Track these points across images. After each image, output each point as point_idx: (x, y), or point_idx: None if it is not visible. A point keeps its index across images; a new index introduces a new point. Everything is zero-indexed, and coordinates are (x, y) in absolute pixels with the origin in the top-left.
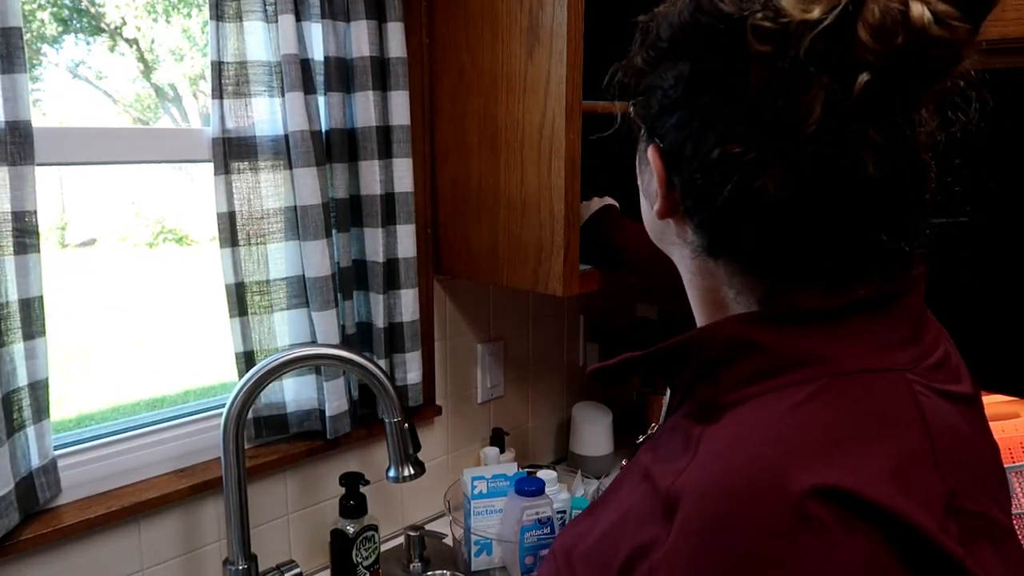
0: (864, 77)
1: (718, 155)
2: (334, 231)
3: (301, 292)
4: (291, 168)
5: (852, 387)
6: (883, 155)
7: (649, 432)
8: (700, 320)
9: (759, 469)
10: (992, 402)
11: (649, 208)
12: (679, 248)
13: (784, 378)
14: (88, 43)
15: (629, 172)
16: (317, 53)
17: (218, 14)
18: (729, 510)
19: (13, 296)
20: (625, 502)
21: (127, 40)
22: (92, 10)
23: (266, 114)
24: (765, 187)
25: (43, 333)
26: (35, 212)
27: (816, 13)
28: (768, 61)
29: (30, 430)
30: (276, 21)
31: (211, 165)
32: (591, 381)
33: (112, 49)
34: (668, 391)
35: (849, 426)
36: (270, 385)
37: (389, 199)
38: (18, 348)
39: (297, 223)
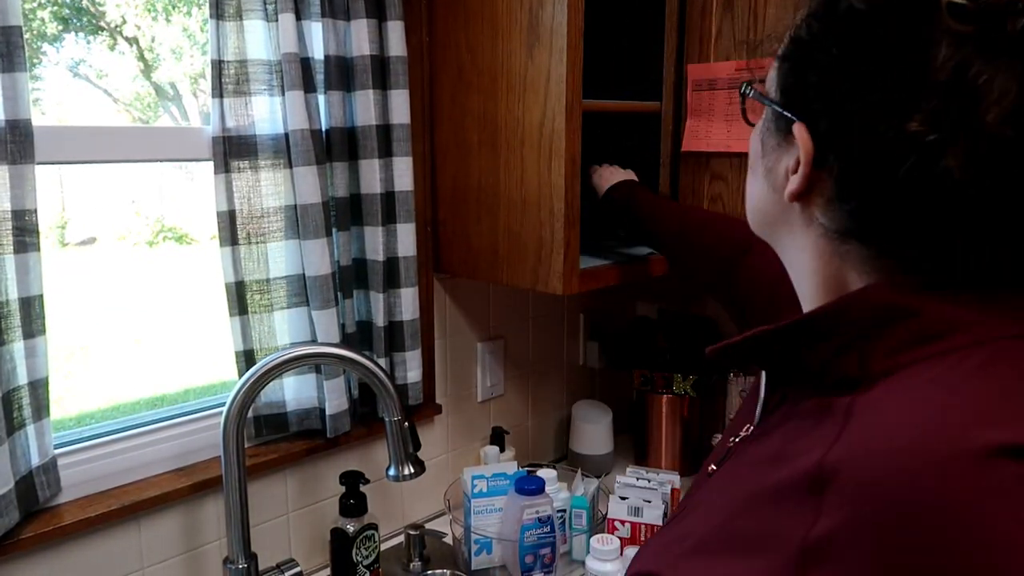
0: None
1: (894, 134)
2: (334, 230)
3: (301, 291)
4: (291, 167)
5: (1017, 352)
6: None
7: (743, 433)
8: (813, 304)
9: (945, 428)
10: None
11: (767, 189)
12: (799, 231)
13: (939, 344)
14: (88, 42)
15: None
16: (317, 52)
17: (218, 13)
18: (912, 473)
19: (13, 295)
20: (736, 494)
21: (127, 39)
22: (92, 9)
23: (266, 113)
24: (949, 169)
25: (43, 332)
26: (35, 211)
27: None
28: (962, 41)
29: (30, 429)
30: (276, 20)
31: (211, 164)
32: (720, 360)
33: (112, 48)
34: (763, 384)
35: None
36: (270, 384)
37: (389, 198)
38: (18, 347)
39: (297, 222)
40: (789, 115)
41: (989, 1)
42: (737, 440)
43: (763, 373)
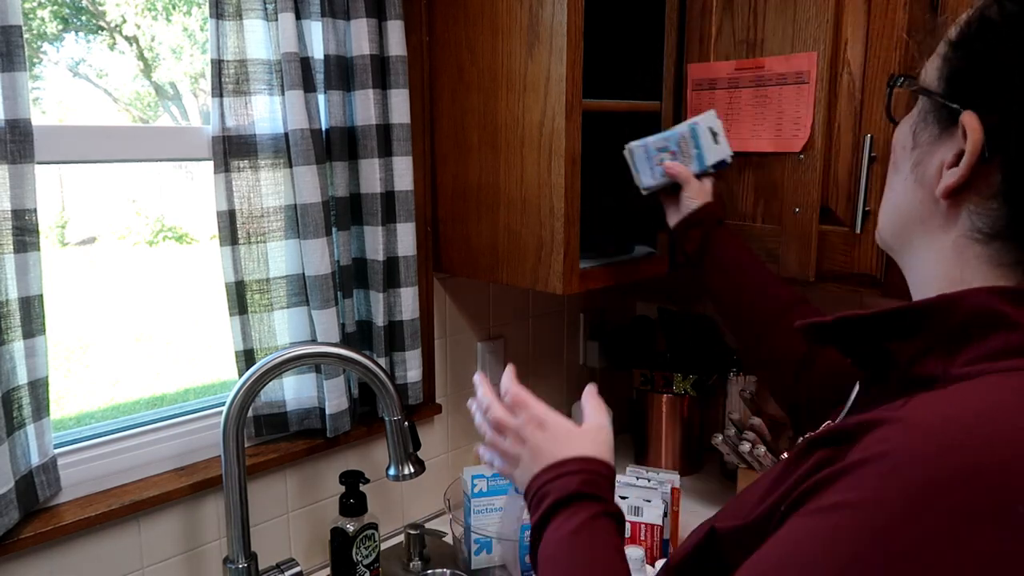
0: None
1: None
2: (334, 229)
3: (301, 290)
4: (291, 166)
5: None
6: None
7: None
8: (921, 296)
9: (995, 430)
10: None
11: (912, 185)
12: (937, 233)
13: None
14: (88, 41)
15: (627, 169)
16: (317, 51)
17: (218, 12)
18: (968, 444)
19: (13, 294)
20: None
21: (127, 38)
22: (92, 8)
23: (266, 112)
24: None
25: (43, 331)
26: (35, 210)
27: None
28: None
29: (30, 428)
30: (276, 19)
31: (211, 163)
32: (809, 337)
33: (112, 47)
34: (856, 385)
35: None
36: (270, 383)
37: (389, 197)
38: (18, 346)
39: (297, 221)
40: (956, 106)
41: None
42: (807, 437)
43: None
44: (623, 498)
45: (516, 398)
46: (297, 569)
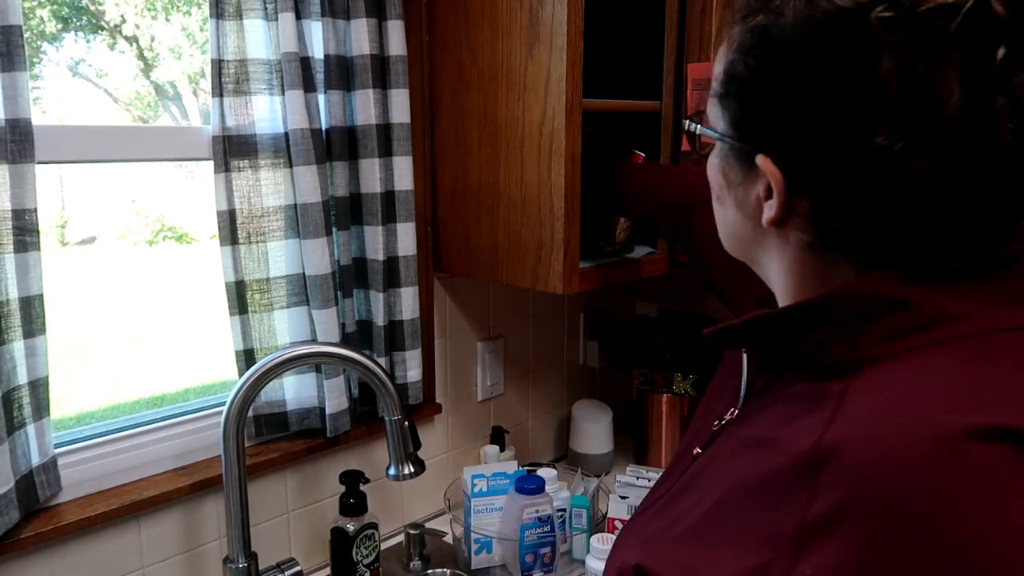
0: (1001, 51)
1: (862, 151)
2: (334, 229)
3: (301, 290)
4: (291, 166)
5: (1007, 344)
6: (1021, 124)
7: (728, 416)
8: (785, 301)
9: (930, 411)
10: None
11: (740, 218)
12: (776, 251)
13: (931, 334)
14: (88, 41)
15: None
16: (317, 51)
17: (218, 12)
18: (899, 456)
19: (13, 294)
20: (726, 479)
21: (127, 38)
22: (92, 8)
23: (266, 112)
24: (921, 171)
25: (43, 331)
26: (35, 210)
27: None
28: (901, 49)
29: (30, 428)
30: (276, 19)
31: (211, 163)
32: (707, 342)
33: (112, 47)
34: (745, 368)
35: (1019, 381)
36: (270, 383)
37: (389, 197)
38: (18, 346)
39: (297, 221)
40: (749, 147)
41: (914, 7)
42: (723, 423)
43: (744, 357)
44: (623, 498)
45: None
46: (297, 569)
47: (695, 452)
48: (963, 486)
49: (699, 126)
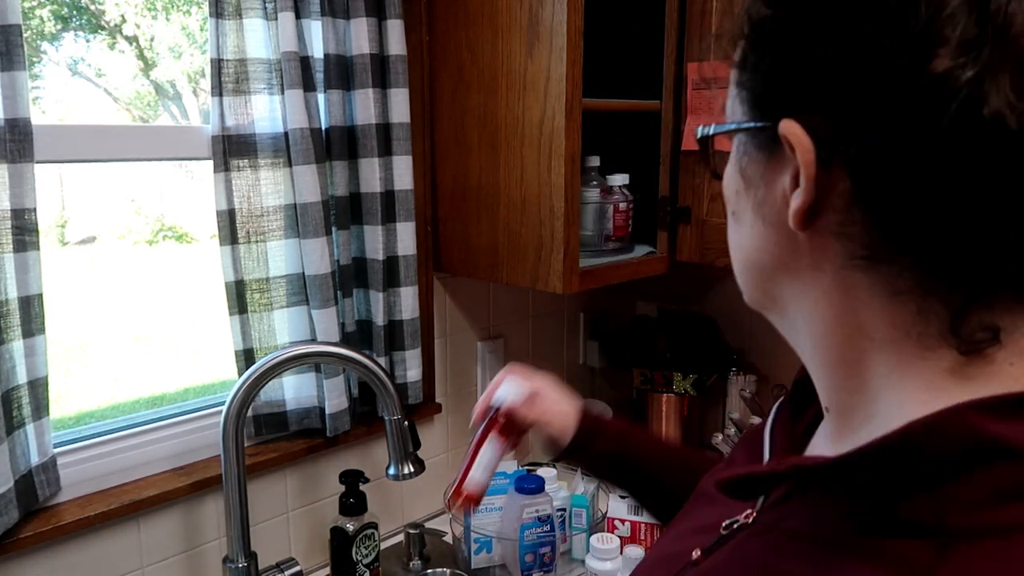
0: None
1: (916, 83)
2: (334, 229)
3: (301, 290)
4: (291, 166)
5: None
6: None
7: (743, 519)
8: (820, 366)
9: None
10: None
11: (761, 228)
12: (808, 276)
13: None
14: (88, 40)
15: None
16: (317, 50)
17: (218, 11)
18: None
19: (13, 294)
20: None
21: (127, 37)
22: (92, 7)
23: (266, 111)
24: (999, 117)
25: (43, 331)
26: (35, 210)
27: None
28: None
29: (29, 428)
30: (276, 18)
31: (211, 163)
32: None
33: (112, 46)
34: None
35: None
36: (270, 383)
37: (389, 196)
38: (18, 346)
39: (297, 221)
40: (770, 123)
41: None
42: (733, 527)
43: (767, 431)
44: (622, 498)
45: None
46: (297, 568)
47: (695, 556)
48: None
49: (713, 127)
